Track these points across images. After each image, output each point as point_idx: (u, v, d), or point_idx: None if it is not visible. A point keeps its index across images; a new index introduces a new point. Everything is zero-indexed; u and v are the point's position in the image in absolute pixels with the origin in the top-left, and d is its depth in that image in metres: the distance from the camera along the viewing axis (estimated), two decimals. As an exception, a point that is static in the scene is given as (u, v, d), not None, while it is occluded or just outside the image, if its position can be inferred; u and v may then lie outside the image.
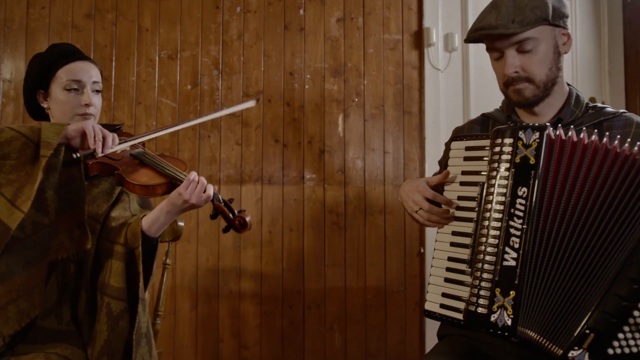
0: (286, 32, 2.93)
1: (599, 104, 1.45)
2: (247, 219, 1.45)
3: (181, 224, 1.88)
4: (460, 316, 1.24)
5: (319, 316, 2.83)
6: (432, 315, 1.30)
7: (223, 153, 2.79)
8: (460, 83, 3.14)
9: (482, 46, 1.48)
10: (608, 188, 1.11)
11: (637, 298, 1.07)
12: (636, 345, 1.08)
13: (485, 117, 1.57)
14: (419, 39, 3.09)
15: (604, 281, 1.10)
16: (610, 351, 1.08)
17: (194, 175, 1.44)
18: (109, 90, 2.75)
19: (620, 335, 1.09)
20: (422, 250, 2.97)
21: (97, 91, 1.65)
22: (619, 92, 3.34)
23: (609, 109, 1.41)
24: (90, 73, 1.63)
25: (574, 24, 3.35)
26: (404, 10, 3.06)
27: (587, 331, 1.10)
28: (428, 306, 1.31)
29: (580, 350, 1.10)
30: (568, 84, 1.48)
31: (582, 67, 3.36)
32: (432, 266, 1.34)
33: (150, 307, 1.71)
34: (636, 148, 1.12)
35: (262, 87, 2.87)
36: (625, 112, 1.40)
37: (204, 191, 1.44)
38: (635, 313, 1.08)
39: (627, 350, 1.08)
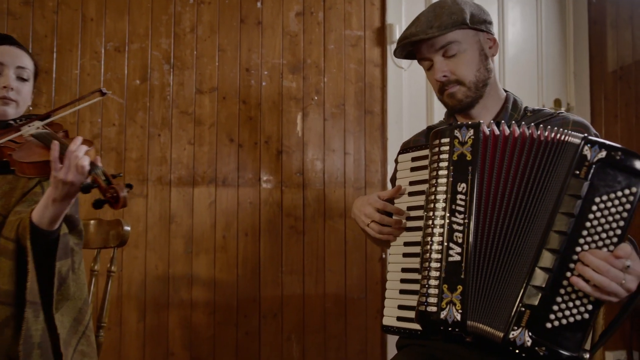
0: (242, 25, 2.93)
1: (537, 107, 1.54)
2: (122, 193, 1.25)
3: (127, 228, 1.87)
4: (417, 326, 1.28)
5: (276, 326, 2.84)
6: (390, 329, 1.35)
7: (174, 153, 2.78)
8: (424, 82, 3.19)
9: None
10: (524, 169, 1.20)
11: (562, 268, 1.14)
12: (572, 315, 1.13)
13: (430, 129, 1.65)
14: (382, 36, 3.11)
15: (529, 257, 1.18)
16: (549, 325, 1.13)
17: (72, 147, 1.29)
18: (49, 84, 2.71)
19: (555, 307, 1.14)
20: (383, 256, 3.01)
21: (23, 79, 1.63)
22: (583, 93, 3.42)
23: (547, 111, 1.51)
24: (15, 57, 1.62)
25: (539, 24, 3.43)
26: (366, 6, 3.10)
27: (523, 309, 1.15)
28: (386, 321, 1.35)
29: (519, 330, 1.15)
30: (505, 90, 1.57)
31: (547, 68, 3.43)
32: (387, 280, 1.38)
33: (94, 318, 1.69)
34: (554, 130, 1.21)
35: (216, 83, 2.87)
36: (562, 112, 1.49)
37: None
38: (564, 282, 1.14)
39: (564, 322, 1.14)
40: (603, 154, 1.15)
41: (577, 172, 1.16)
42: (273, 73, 2.95)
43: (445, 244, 1.21)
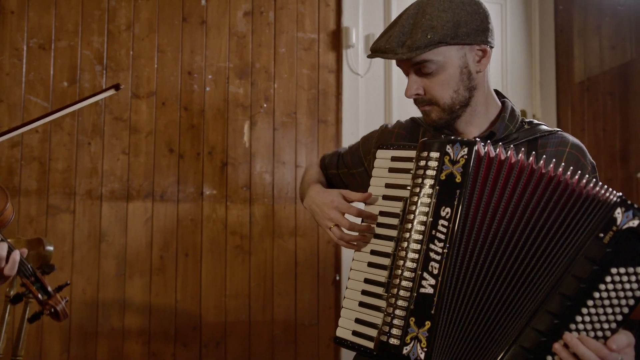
0: (185, 24, 2.93)
1: (535, 120, 1.53)
2: (59, 307, 1.32)
3: (50, 248, 1.82)
4: (373, 345, 1.27)
5: (219, 356, 2.82)
6: (343, 342, 1.33)
7: (106, 164, 2.76)
8: (382, 90, 3.22)
9: None
10: (531, 212, 1.18)
11: (556, 334, 1.13)
12: None
13: (415, 122, 1.63)
14: (337, 40, 3.14)
15: (524, 314, 1.17)
16: None
17: None
18: (-37, 85, 2.64)
19: None
20: (337, 278, 3.03)
21: None
22: (550, 104, 3.48)
23: (545, 127, 1.50)
24: None
25: (505, 32, 3.49)
26: (321, 7, 3.13)
27: None
28: (339, 332, 1.34)
29: None
30: (504, 97, 1.56)
31: (512, 77, 3.49)
32: (346, 288, 1.37)
33: (8, 350, 1.64)
34: (561, 169, 1.19)
35: (154, 87, 2.86)
36: (560, 131, 1.50)
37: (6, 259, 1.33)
38: (556, 347, 1.14)
39: None
40: (635, 222, 1.13)
41: (602, 235, 1.14)
42: (218, 77, 2.94)
43: (419, 272, 1.19)
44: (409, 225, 1.22)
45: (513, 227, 1.18)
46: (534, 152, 1.26)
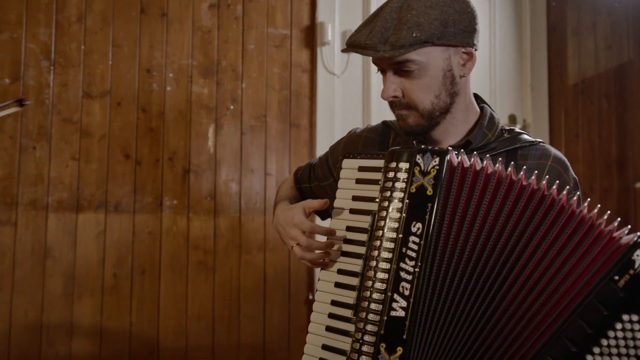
0: (143, 16, 2.91)
1: (516, 129, 1.54)
2: None
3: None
4: None
5: (178, 384, 2.77)
6: None
7: (53, 171, 2.73)
8: (360, 91, 3.23)
9: None
10: (512, 227, 1.19)
11: None
12: None
13: (386, 126, 1.63)
14: (311, 36, 3.14)
15: (513, 348, 1.16)
16: None
17: None
18: None
19: None
20: (310, 297, 3.02)
21: None
22: (541, 108, 3.49)
23: (526, 137, 1.51)
24: None
25: (493, 30, 3.51)
26: (294, 0, 3.15)
27: None
28: None
29: None
30: (483, 102, 1.57)
31: (500, 79, 3.49)
32: (313, 311, 1.36)
33: None
34: (544, 182, 1.19)
35: (109, 85, 2.83)
36: (542, 142, 1.50)
37: None
38: None
39: None
40: None
41: (617, 277, 1.14)
42: (180, 76, 2.93)
43: (389, 294, 1.19)
44: (377, 243, 1.23)
45: (493, 244, 1.19)
46: (512, 163, 1.24)
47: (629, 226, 1.18)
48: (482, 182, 1.20)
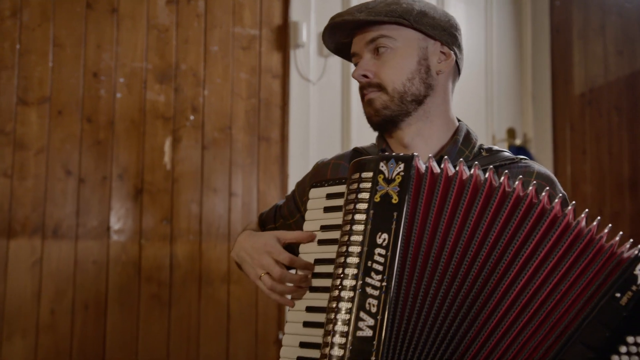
0: (90, 12, 2.86)
1: (495, 147, 1.61)
2: None
3: None
4: None
5: None
6: None
7: None
8: (339, 99, 3.24)
9: None
10: (495, 236, 1.23)
11: None
12: None
13: (357, 152, 1.69)
14: (284, 37, 3.13)
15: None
16: None
17: None
18: None
19: None
20: (280, 337, 2.97)
21: None
22: (544, 120, 3.50)
23: (507, 154, 1.58)
24: None
25: (489, 32, 3.53)
26: None
27: None
28: None
29: None
30: (460, 120, 1.66)
31: (498, 88, 3.50)
32: (280, 357, 1.40)
33: None
34: (531, 188, 1.23)
35: (48, 91, 2.77)
36: (524, 159, 1.57)
37: None
38: None
39: None
40: None
41: (618, 295, 1.16)
42: (132, 81, 2.89)
43: (355, 312, 1.21)
44: (342, 259, 1.26)
45: (473, 256, 1.23)
46: (491, 167, 1.30)
47: (631, 240, 1.20)
48: (456, 188, 1.24)
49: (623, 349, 1.13)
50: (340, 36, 1.62)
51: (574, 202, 1.40)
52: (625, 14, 3.12)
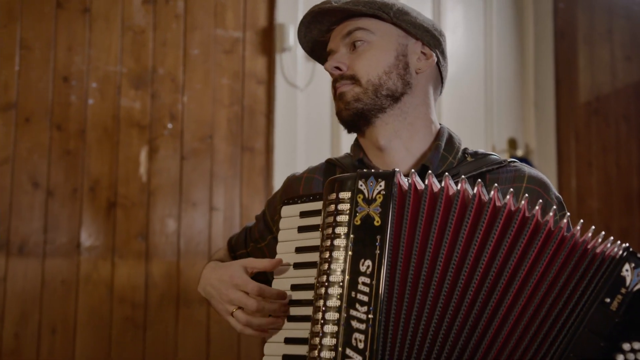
0: (60, 12, 2.83)
1: (481, 150, 1.62)
2: None
3: None
4: None
5: None
6: None
7: None
8: (328, 107, 3.24)
9: None
10: (488, 258, 1.22)
11: None
12: None
13: (330, 164, 1.71)
14: (269, 40, 3.12)
15: None
16: None
17: None
18: None
19: None
20: None
21: None
22: (547, 130, 3.50)
23: (494, 157, 1.59)
24: None
25: (489, 36, 3.56)
26: None
27: None
28: None
29: None
30: (440, 124, 1.67)
31: (498, 95, 3.51)
32: None
33: None
34: (523, 202, 1.22)
35: (14, 96, 2.75)
36: (514, 161, 1.58)
37: None
38: None
39: None
40: None
41: (608, 300, 1.16)
42: (106, 86, 2.87)
43: (340, 349, 1.20)
44: (322, 290, 1.25)
45: (466, 279, 1.22)
46: (479, 181, 1.28)
47: (611, 237, 1.22)
48: (442, 205, 1.23)
49: (620, 358, 1.13)
50: (317, 33, 1.64)
51: (568, 213, 1.44)
52: (634, 17, 3.17)
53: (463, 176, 1.30)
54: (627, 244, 1.18)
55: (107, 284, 2.78)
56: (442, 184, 1.26)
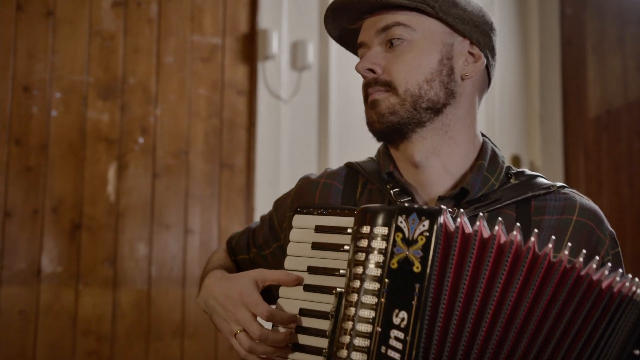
0: (21, 15, 2.84)
1: (527, 171, 1.55)
2: None
3: None
4: None
5: None
6: None
7: None
8: (315, 120, 3.24)
9: (350, 64, 1.57)
10: (537, 322, 1.17)
11: None
12: None
13: (352, 169, 1.63)
14: (251, 47, 3.13)
15: None
16: None
17: None
18: None
19: None
20: None
21: None
22: (553, 147, 3.50)
23: (541, 180, 1.51)
24: None
25: None
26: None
27: None
28: None
29: None
30: (483, 136, 1.59)
31: (501, 109, 3.52)
32: None
33: None
34: (581, 259, 1.16)
35: None
36: (563, 186, 1.50)
37: None
38: None
39: None
40: None
41: (637, 352, 1.14)
42: (71, 97, 2.87)
43: None
44: (347, 339, 1.20)
45: (512, 346, 1.17)
46: (536, 231, 1.22)
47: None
48: (492, 256, 1.18)
49: None
50: (346, 20, 1.53)
51: (619, 250, 1.42)
52: (647, 24, 3.20)
53: (518, 224, 1.25)
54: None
55: (70, 315, 2.77)
56: (495, 231, 1.20)
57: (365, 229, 1.23)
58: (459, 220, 1.20)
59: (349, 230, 1.29)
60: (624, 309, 1.18)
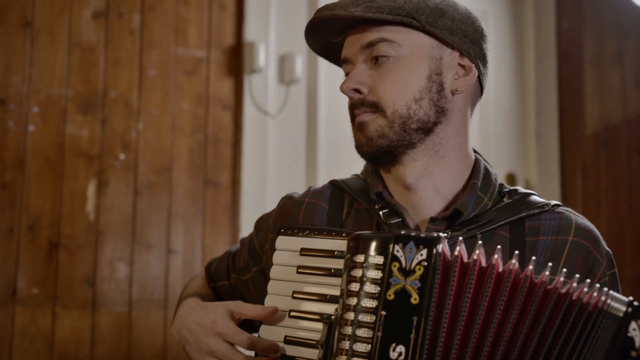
0: None
1: (520, 189, 1.55)
2: None
3: None
4: None
5: None
6: None
7: None
8: (303, 136, 3.26)
9: (340, 78, 1.53)
10: (536, 346, 1.18)
11: None
12: None
13: (336, 188, 1.62)
14: (237, 60, 3.15)
15: None
16: None
17: None
18: None
19: None
20: None
21: None
22: (550, 165, 3.51)
23: (535, 198, 1.51)
24: None
25: None
26: (213, 11, 3.16)
27: None
28: None
29: None
30: (476, 152, 1.59)
31: (495, 126, 3.52)
32: None
33: None
34: (575, 284, 1.18)
35: None
36: (557, 205, 1.49)
37: None
38: None
39: None
40: None
41: None
42: (49, 110, 2.88)
43: None
44: None
45: None
46: (533, 258, 1.23)
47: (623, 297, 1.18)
48: (491, 285, 1.19)
49: None
50: (328, 34, 1.52)
51: (614, 271, 1.43)
52: (647, 37, 3.20)
53: (516, 252, 1.25)
54: (631, 298, 1.15)
55: (47, 339, 2.76)
56: (493, 260, 1.21)
57: (359, 258, 1.22)
58: (457, 249, 1.20)
59: (336, 253, 1.30)
60: (597, 319, 1.18)
